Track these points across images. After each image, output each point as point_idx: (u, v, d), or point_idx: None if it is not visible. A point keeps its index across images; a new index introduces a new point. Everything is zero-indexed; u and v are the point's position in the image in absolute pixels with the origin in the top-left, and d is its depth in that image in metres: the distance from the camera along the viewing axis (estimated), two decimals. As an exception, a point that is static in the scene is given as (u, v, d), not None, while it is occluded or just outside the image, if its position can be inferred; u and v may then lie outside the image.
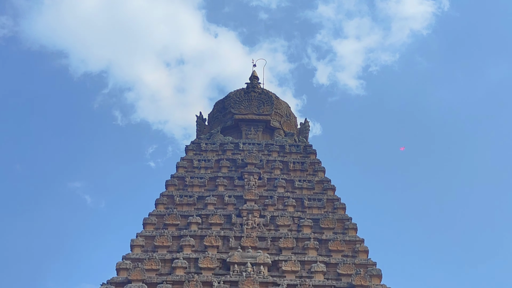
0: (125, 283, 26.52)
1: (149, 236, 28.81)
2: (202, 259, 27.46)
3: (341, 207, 30.66)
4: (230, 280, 26.69)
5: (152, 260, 27.31)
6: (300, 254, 28.27)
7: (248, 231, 29.05)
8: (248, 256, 27.66)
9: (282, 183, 31.69)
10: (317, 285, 26.71)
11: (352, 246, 28.79)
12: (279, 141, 34.34)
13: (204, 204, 30.63)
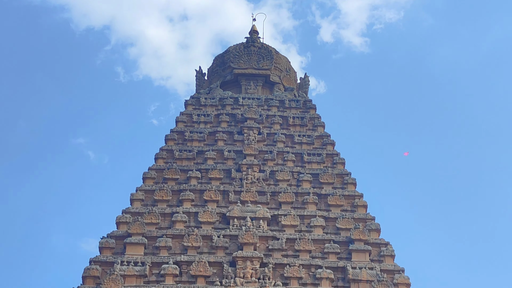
0: (125, 237, 26.69)
1: (148, 190, 28.92)
2: (202, 213, 27.60)
3: (341, 162, 30.73)
4: (229, 234, 26.86)
5: (152, 214, 27.45)
6: (300, 209, 28.42)
7: (247, 186, 29.15)
8: (247, 211, 27.80)
9: (281, 138, 31.71)
10: (316, 239, 26.89)
11: (351, 201, 28.93)
12: (279, 96, 34.26)
13: (204, 159, 30.68)
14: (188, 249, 26.34)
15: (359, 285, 25.30)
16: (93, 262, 25.83)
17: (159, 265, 25.68)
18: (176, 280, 25.16)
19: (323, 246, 26.74)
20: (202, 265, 25.35)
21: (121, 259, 25.66)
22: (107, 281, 24.56)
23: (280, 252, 26.37)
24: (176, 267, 25.38)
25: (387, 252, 26.53)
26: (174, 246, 26.59)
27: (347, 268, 25.59)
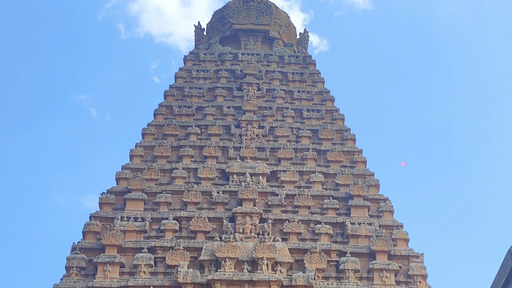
0: (124, 193, 26.80)
1: (148, 146, 28.94)
2: (202, 169, 27.67)
3: (340, 118, 30.70)
4: (229, 190, 26.96)
5: (151, 170, 27.52)
6: (299, 165, 28.48)
7: (247, 142, 29.17)
8: (247, 167, 27.86)
9: (281, 94, 31.63)
10: (315, 195, 27.00)
11: (351, 157, 28.97)
12: (278, 52, 34.08)
13: (203, 115, 30.64)
14: (188, 204, 26.47)
15: (357, 241, 25.47)
16: (93, 218, 25.98)
17: (159, 220, 25.83)
18: (176, 236, 25.32)
19: (322, 202, 26.86)
20: (202, 221, 25.50)
21: (121, 215, 25.80)
22: (107, 236, 24.71)
23: (279, 208, 26.51)
24: (176, 223, 25.53)
25: (386, 208, 26.66)
26: (173, 201, 26.71)
27: (346, 224, 25.74)
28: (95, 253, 24.73)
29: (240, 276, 23.17)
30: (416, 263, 24.65)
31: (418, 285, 24.12)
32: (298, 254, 24.74)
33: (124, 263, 24.40)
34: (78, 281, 24.03)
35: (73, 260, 24.42)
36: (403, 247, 25.34)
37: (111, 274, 23.98)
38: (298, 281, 23.28)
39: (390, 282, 24.12)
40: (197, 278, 23.27)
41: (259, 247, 23.82)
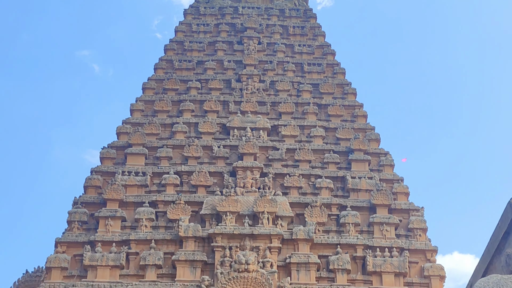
0: (125, 147, 26.81)
1: (148, 100, 28.86)
2: (202, 123, 27.63)
3: (341, 72, 30.56)
4: (230, 145, 26.96)
5: (152, 124, 27.49)
6: (300, 119, 28.43)
7: (247, 96, 29.07)
8: (247, 121, 27.81)
9: (281, 48, 31.43)
10: (316, 149, 27.00)
11: (351, 111, 28.90)
12: (279, 5, 33.77)
13: (204, 69, 30.49)
14: (189, 159, 26.50)
15: (358, 195, 25.55)
16: (94, 172, 26.03)
17: (159, 175, 25.89)
18: (177, 190, 25.40)
19: (323, 156, 26.88)
20: (203, 175, 25.55)
21: (122, 169, 25.84)
22: (108, 190, 24.79)
23: (280, 162, 26.54)
24: (176, 177, 25.58)
25: (386, 162, 26.68)
26: (174, 156, 26.74)
27: (347, 178, 25.79)
28: (97, 207, 24.85)
29: (241, 230, 23.30)
30: (416, 217, 24.76)
31: (418, 239, 24.26)
32: (298, 208, 24.83)
33: (125, 217, 24.52)
34: (80, 235, 24.17)
35: (74, 215, 24.53)
36: (403, 201, 25.43)
37: (112, 228, 24.12)
38: (299, 235, 23.41)
39: (390, 236, 24.25)
40: (198, 232, 23.40)
41: (260, 201, 23.91)
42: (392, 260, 23.24)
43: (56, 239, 23.95)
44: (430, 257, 23.83)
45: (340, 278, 22.90)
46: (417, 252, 23.94)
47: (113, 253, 23.20)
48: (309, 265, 22.94)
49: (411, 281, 23.34)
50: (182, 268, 22.86)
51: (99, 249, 23.25)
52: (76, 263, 23.49)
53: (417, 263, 23.74)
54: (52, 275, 23.01)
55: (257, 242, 23.18)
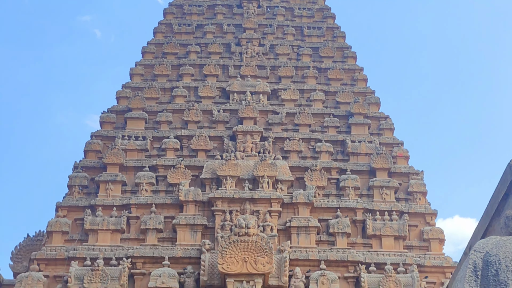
0: (125, 111, 26.79)
1: (148, 65, 28.77)
2: (202, 87, 27.58)
3: (341, 35, 30.40)
4: (229, 109, 26.94)
5: (151, 88, 27.44)
6: (299, 83, 28.36)
7: (247, 60, 28.97)
8: (247, 85, 27.75)
9: (281, 11, 31.25)
10: (316, 113, 26.98)
11: (351, 75, 28.82)
12: (279, -32, 33.46)
13: (203, 33, 30.35)
14: (189, 123, 26.49)
15: (358, 158, 25.58)
16: (94, 137, 26.04)
17: (160, 139, 25.91)
18: (177, 154, 25.43)
19: (323, 120, 26.87)
20: (203, 139, 25.56)
21: (122, 134, 25.85)
22: (108, 155, 24.81)
23: (279, 126, 26.54)
24: (176, 141, 25.60)
25: (386, 126, 26.67)
26: (174, 120, 26.72)
27: (346, 142, 25.80)
28: (97, 172, 24.90)
29: (241, 194, 23.38)
30: (416, 180, 24.81)
31: (417, 202, 24.35)
32: (298, 172, 24.88)
33: (126, 181, 24.58)
34: (81, 199, 24.26)
35: (75, 179, 24.59)
36: (403, 165, 25.47)
37: (113, 192, 24.19)
38: (299, 199, 23.50)
39: (390, 199, 24.33)
40: (199, 196, 23.47)
41: (260, 165, 23.95)
42: (392, 223, 23.34)
43: (57, 203, 24.03)
44: (430, 221, 23.94)
45: (340, 241, 23.03)
46: (417, 216, 24.04)
47: (114, 217, 23.30)
48: (309, 229, 23.05)
49: (410, 244, 23.47)
50: (183, 232, 22.97)
51: (100, 213, 23.35)
52: (77, 227, 23.61)
53: (416, 226, 23.85)
54: (53, 239, 23.14)
55: (257, 206, 23.28)
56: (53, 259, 22.44)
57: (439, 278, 22.37)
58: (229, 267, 20.38)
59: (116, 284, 21.31)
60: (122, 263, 21.68)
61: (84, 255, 22.29)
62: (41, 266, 22.30)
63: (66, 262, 22.22)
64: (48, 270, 22.31)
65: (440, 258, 22.96)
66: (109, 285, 21.25)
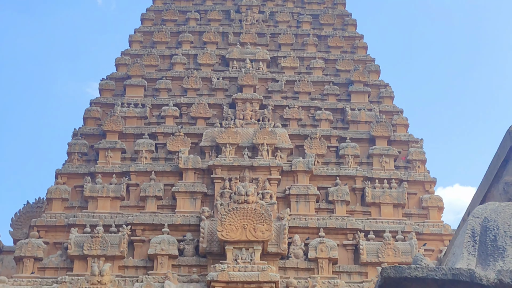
0: (124, 79, 26.70)
1: (147, 32, 28.61)
2: (201, 55, 27.45)
3: (341, 2, 30.18)
4: (229, 76, 26.84)
5: (151, 56, 27.32)
6: (299, 50, 28.22)
7: (247, 27, 28.80)
8: (247, 52, 27.62)
9: (281, -22, 30.98)
10: (315, 81, 26.89)
11: (351, 42, 28.67)
12: None
13: (202, 0, 30.13)
14: (188, 91, 26.41)
15: (357, 126, 25.55)
16: (93, 104, 25.98)
17: (159, 107, 25.85)
18: (177, 122, 25.39)
19: (323, 88, 26.79)
20: (202, 107, 25.50)
21: (121, 101, 25.79)
22: (108, 122, 24.78)
23: (279, 94, 26.47)
24: (176, 109, 25.55)
25: (386, 94, 26.60)
26: (173, 88, 26.65)
27: (346, 110, 25.75)
28: (96, 139, 24.88)
29: (240, 162, 23.38)
30: (415, 148, 24.81)
31: (417, 170, 24.36)
32: (298, 140, 24.86)
33: (125, 148, 24.57)
34: (80, 166, 24.27)
35: (74, 146, 24.58)
36: (402, 133, 25.45)
37: (112, 160, 24.19)
38: (298, 167, 23.51)
39: (389, 167, 24.35)
40: (198, 163, 23.48)
41: (259, 133, 23.92)
42: (391, 191, 23.38)
43: (57, 171, 24.04)
44: (429, 189, 23.98)
45: (339, 209, 23.09)
46: (416, 184, 24.07)
47: (114, 184, 23.33)
48: (308, 197, 23.10)
49: (409, 212, 23.53)
50: (182, 200, 23.01)
51: (100, 181, 23.37)
52: (77, 194, 23.65)
53: (415, 194, 23.89)
54: (53, 206, 23.20)
55: (257, 174, 23.30)
56: (53, 226, 22.52)
57: (437, 245, 22.46)
58: (229, 234, 20.45)
59: (116, 251, 21.41)
60: (121, 230, 21.76)
61: (84, 222, 22.35)
62: (41, 233, 22.38)
63: (66, 229, 22.30)
64: (48, 237, 22.39)
65: (438, 226, 23.04)
66: (108, 251, 21.35)
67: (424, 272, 5.01)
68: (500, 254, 5.33)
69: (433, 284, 5.01)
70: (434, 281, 4.99)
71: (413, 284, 5.03)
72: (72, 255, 21.43)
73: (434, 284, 5.00)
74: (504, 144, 6.45)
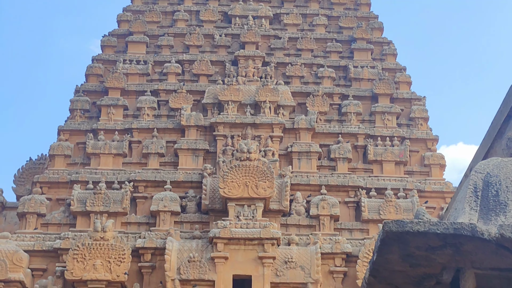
0: (126, 35, 26.56)
1: (149, -12, 28.37)
2: (203, 11, 27.26)
3: (345, -42, 29.83)
4: (231, 33, 26.69)
5: (153, 12, 27.13)
6: (302, 7, 28.00)
7: (249, -17, 28.54)
8: (249, 9, 27.41)
9: None
10: (318, 38, 26.74)
11: (355, -1, 28.43)
12: None
13: (205, -45, 29.81)
14: (190, 47, 26.29)
15: (360, 84, 25.47)
16: (95, 60, 25.89)
17: (161, 63, 25.75)
18: (179, 79, 25.32)
19: (325, 45, 26.65)
20: (204, 64, 25.41)
21: (123, 58, 25.69)
22: (110, 79, 24.71)
23: (282, 51, 26.34)
24: (178, 66, 25.46)
25: (389, 51, 26.46)
26: (176, 44, 26.51)
27: (349, 67, 25.65)
28: (99, 96, 24.85)
29: (243, 119, 23.37)
30: (418, 106, 24.77)
31: (419, 128, 24.35)
32: (300, 97, 24.81)
33: (127, 105, 24.55)
34: (82, 123, 24.27)
35: (76, 103, 24.55)
36: (405, 90, 25.39)
37: (114, 117, 24.18)
38: (301, 124, 23.50)
39: (392, 125, 24.33)
40: (200, 120, 23.48)
41: (262, 90, 23.87)
42: (393, 149, 23.40)
43: (59, 127, 24.06)
44: (431, 146, 23.99)
45: (341, 166, 23.13)
46: (418, 141, 24.08)
47: (116, 141, 23.35)
48: (310, 154, 23.13)
49: (411, 170, 23.58)
50: (185, 157, 23.06)
51: (102, 137, 23.38)
52: (79, 151, 23.69)
53: (417, 152, 23.92)
54: (55, 163, 23.26)
55: (259, 131, 23.30)
56: (55, 182, 22.60)
57: (439, 203, 22.56)
58: (231, 191, 20.54)
59: (118, 207, 21.52)
60: (124, 187, 21.85)
61: (87, 179, 22.43)
62: (44, 189, 22.48)
63: (68, 186, 22.39)
64: (51, 193, 22.49)
65: (440, 183, 23.11)
66: (111, 208, 21.46)
67: (426, 226, 5.03)
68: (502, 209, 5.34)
69: (434, 238, 5.03)
70: (436, 235, 5.00)
71: (415, 238, 5.05)
72: (75, 211, 21.54)
73: (436, 238, 5.02)
74: (508, 99, 6.42)
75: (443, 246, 5.08)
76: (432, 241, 5.05)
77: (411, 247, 5.13)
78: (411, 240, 5.07)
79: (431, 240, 5.04)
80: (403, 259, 5.25)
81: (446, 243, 5.05)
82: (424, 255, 5.18)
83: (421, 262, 5.26)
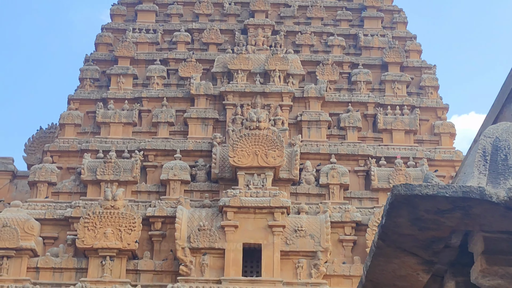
0: (135, 4, 26.49)
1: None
2: (213, -20, 27.10)
3: None
4: (241, 1, 26.59)
5: (162, -19, 26.98)
6: (312, -25, 27.77)
7: (259, -49, 28.28)
8: (259, -23, 27.21)
9: None
10: (328, 6, 26.58)
11: (365, -33, 28.16)
12: None
13: None
14: (200, 16, 26.19)
15: (370, 52, 25.36)
16: (105, 29, 25.84)
17: (171, 32, 25.68)
18: (188, 48, 25.26)
19: (335, 13, 26.49)
20: (214, 33, 25.32)
21: (132, 26, 25.64)
22: (119, 48, 24.68)
23: (291, 20, 26.21)
24: (187, 35, 25.39)
25: (400, 19, 26.29)
26: (185, 13, 26.41)
27: (359, 35, 25.52)
28: (108, 65, 24.84)
29: (252, 88, 23.34)
30: (428, 75, 24.66)
31: (429, 96, 24.26)
32: (310, 66, 24.73)
33: (137, 74, 24.54)
34: (92, 92, 24.29)
35: (86, 72, 24.56)
36: (415, 59, 25.26)
37: (124, 86, 24.19)
38: (310, 93, 23.45)
39: (402, 93, 24.26)
40: (210, 89, 23.46)
41: (271, 59, 23.79)
42: (403, 117, 23.34)
43: (69, 96, 24.10)
44: (441, 115, 23.92)
45: (350, 135, 23.11)
46: (428, 110, 24.01)
47: (126, 110, 23.38)
48: (320, 123, 23.10)
49: (421, 138, 23.54)
50: (194, 126, 23.08)
51: (112, 106, 23.41)
52: (89, 119, 23.75)
53: (427, 120, 23.86)
54: (65, 132, 23.33)
55: (268, 100, 23.28)
56: (66, 151, 22.70)
57: (448, 172, 22.53)
58: (240, 160, 20.58)
59: (129, 176, 21.61)
60: (134, 156, 21.92)
61: (97, 148, 22.51)
62: (54, 158, 22.58)
63: (78, 154, 22.48)
64: (61, 162, 22.60)
65: (450, 152, 23.07)
66: (121, 177, 21.55)
67: (434, 190, 5.02)
68: (510, 173, 5.33)
69: (443, 202, 5.03)
70: (445, 198, 5.00)
71: (424, 201, 5.05)
72: (86, 180, 21.64)
73: (445, 201, 5.02)
74: (518, 63, 6.39)
75: (452, 210, 5.07)
76: (441, 205, 5.05)
77: (420, 211, 5.13)
78: (420, 204, 5.06)
79: (440, 203, 5.04)
80: (412, 222, 5.24)
81: (455, 206, 5.04)
82: (433, 218, 5.17)
83: (430, 226, 5.26)
